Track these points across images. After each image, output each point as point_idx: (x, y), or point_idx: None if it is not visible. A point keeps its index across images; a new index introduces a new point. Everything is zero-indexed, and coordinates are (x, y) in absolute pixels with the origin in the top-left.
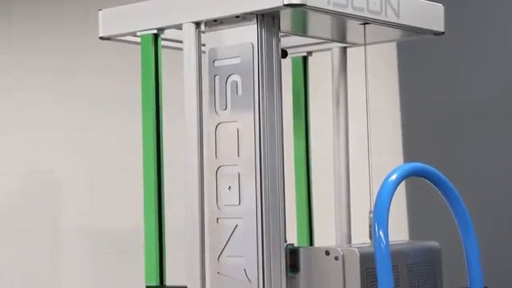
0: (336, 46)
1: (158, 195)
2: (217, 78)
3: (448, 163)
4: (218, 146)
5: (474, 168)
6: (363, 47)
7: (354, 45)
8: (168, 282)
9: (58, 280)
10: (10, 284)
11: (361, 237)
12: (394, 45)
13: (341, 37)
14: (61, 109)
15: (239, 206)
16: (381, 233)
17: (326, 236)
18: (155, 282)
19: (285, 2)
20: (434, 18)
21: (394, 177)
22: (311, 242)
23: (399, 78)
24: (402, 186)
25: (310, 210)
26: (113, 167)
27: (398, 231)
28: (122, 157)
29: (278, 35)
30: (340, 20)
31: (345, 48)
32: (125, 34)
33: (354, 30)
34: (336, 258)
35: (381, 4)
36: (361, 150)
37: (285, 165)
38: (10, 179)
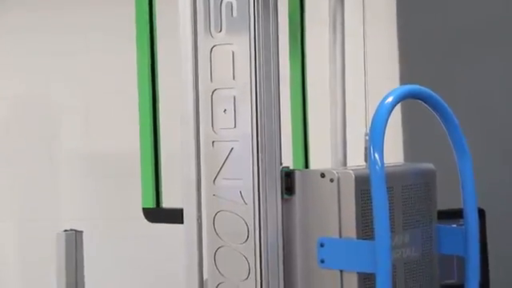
0: None
1: (153, 118)
2: None
3: (445, 87)
4: (213, 68)
5: (471, 91)
6: None
7: None
8: (164, 205)
9: (56, 203)
10: (8, 209)
11: (356, 160)
12: None
13: None
14: (57, 32)
15: (235, 129)
16: (376, 155)
17: (321, 159)
18: (152, 204)
19: None
20: None
21: (390, 99)
22: (307, 165)
23: (397, 3)
24: (398, 109)
25: (306, 133)
26: (109, 90)
27: (394, 154)
28: (118, 80)
29: None
30: None
31: None
32: None
33: None
34: (331, 180)
35: None
36: (357, 74)
37: (280, 88)
38: (5, 103)
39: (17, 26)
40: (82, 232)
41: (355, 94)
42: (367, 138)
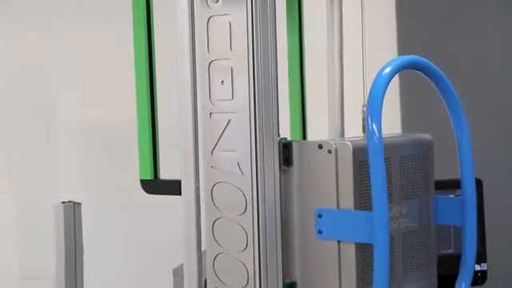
0: None
1: (150, 90)
2: None
3: (444, 58)
4: (210, 40)
5: (469, 61)
6: None
7: None
8: (162, 177)
9: (54, 176)
10: (5, 181)
11: (354, 131)
12: None
13: None
14: (52, 5)
15: (232, 100)
16: (374, 126)
17: (319, 130)
18: (149, 176)
19: None
20: None
21: (388, 69)
22: (304, 136)
23: None
24: (396, 80)
25: (304, 104)
26: (105, 62)
27: (391, 125)
28: (114, 52)
29: None
30: None
31: None
32: None
33: None
34: (329, 152)
35: None
36: (355, 44)
37: (278, 59)
38: (1, 76)
39: None
40: (80, 204)
41: (353, 65)
42: (365, 109)
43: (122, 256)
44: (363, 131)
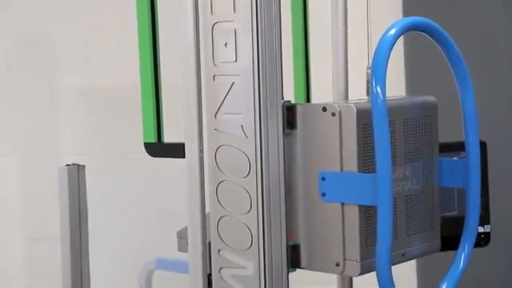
0: None
1: (153, 52)
2: None
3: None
4: (213, 1)
5: (475, 23)
6: None
7: None
8: (166, 140)
9: (57, 139)
10: (9, 144)
11: (358, 94)
12: None
13: None
14: None
15: (236, 62)
16: (378, 88)
17: (323, 93)
18: (153, 139)
19: None
20: None
21: (392, 31)
22: (308, 99)
23: None
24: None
25: (308, 67)
26: (107, 24)
27: (395, 87)
28: (117, 14)
29: None
30: None
31: None
32: None
33: None
34: (333, 114)
35: None
36: (359, 6)
37: (282, 21)
38: (4, 41)
39: None
40: (84, 166)
41: (357, 27)
42: (369, 71)
43: (127, 219)
44: (367, 94)
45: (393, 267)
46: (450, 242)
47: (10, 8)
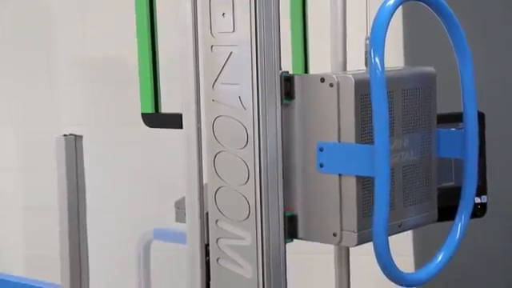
0: None
1: (150, 23)
2: None
3: None
4: None
5: None
6: None
7: None
8: (163, 110)
9: (55, 110)
10: (6, 115)
11: (356, 65)
12: None
13: None
14: None
15: (233, 33)
16: (376, 59)
17: (321, 64)
18: (150, 109)
19: None
20: None
21: (391, 1)
22: (306, 70)
23: None
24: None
25: (306, 38)
26: None
27: (394, 58)
28: None
29: None
30: None
31: None
32: None
33: None
34: (331, 85)
35: None
36: None
37: None
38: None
39: None
40: (81, 137)
41: None
42: (367, 42)
43: (124, 189)
44: (366, 65)
45: (390, 238)
46: (447, 212)
47: None
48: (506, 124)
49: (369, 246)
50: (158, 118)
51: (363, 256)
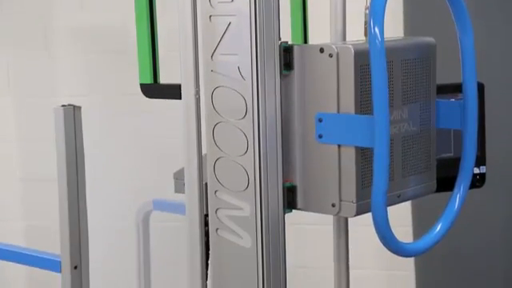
0: None
1: None
2: None
3: None
4: None
5: None
6: None
7: None
8: (162, 81)
9: (54, 80)
10: (5, 86)
11: (356, 35)
12: None
13: None
14: None
15: (232, 2)
16: (376, 29)
17: (320, 34)
18: (149, 80)
19: None
20: None
21: None
22: (305, 40)
23: None
24: None
25: (305, 7)
26: None
27: (394, 28)
28: None
29: None
30: None
31: None
32: None
33: None
34: (330, 56)
35: None
36: None
37: None
38: None
39: None
40: (80, 107)
41: None
42: (367, 12)
43: (124, 160)
44: (365, 35)
45: (388, 208)
46: (446, 183)
47: None
48: (505, 95)
49: (368, 217)
50: (156, 89)
51: (362, 227)
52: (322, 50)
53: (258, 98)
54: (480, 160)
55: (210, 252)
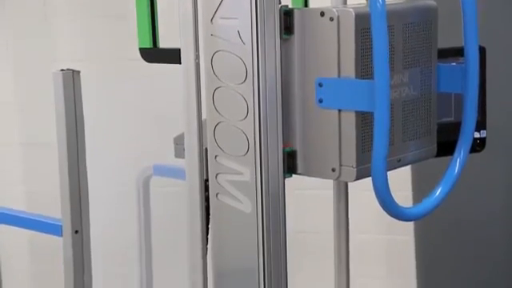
0: None
1: None
2: None
3: None
4: None
5: None
6: None
7: None
8: (161, 45)
9: (52, 45)
10: (4, 52)
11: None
12: None
13: None
14: None
15: None
16: None
17: None
18: (148, 44)
19: None
20: None
21: None
22: (306, 4)
23: None
24: None
25: None
26: None
27: None
28: None
29: None
30: None
31: None
32: None
33: None
34: (331, 19)
35: None
36: None
37: None
38: None
39: None
40: (79, 72)
41: None
42: None
43: (124, 125)
44: None
45: (388, 173)
46: (446, 147)
47: None
48: (506, 59)
49: (368, 182)
50: (156, 53)
51: (362, 192)
52: (322, 14)
53: (258, 62)
54: (480, 124)
55: (210, 217)
